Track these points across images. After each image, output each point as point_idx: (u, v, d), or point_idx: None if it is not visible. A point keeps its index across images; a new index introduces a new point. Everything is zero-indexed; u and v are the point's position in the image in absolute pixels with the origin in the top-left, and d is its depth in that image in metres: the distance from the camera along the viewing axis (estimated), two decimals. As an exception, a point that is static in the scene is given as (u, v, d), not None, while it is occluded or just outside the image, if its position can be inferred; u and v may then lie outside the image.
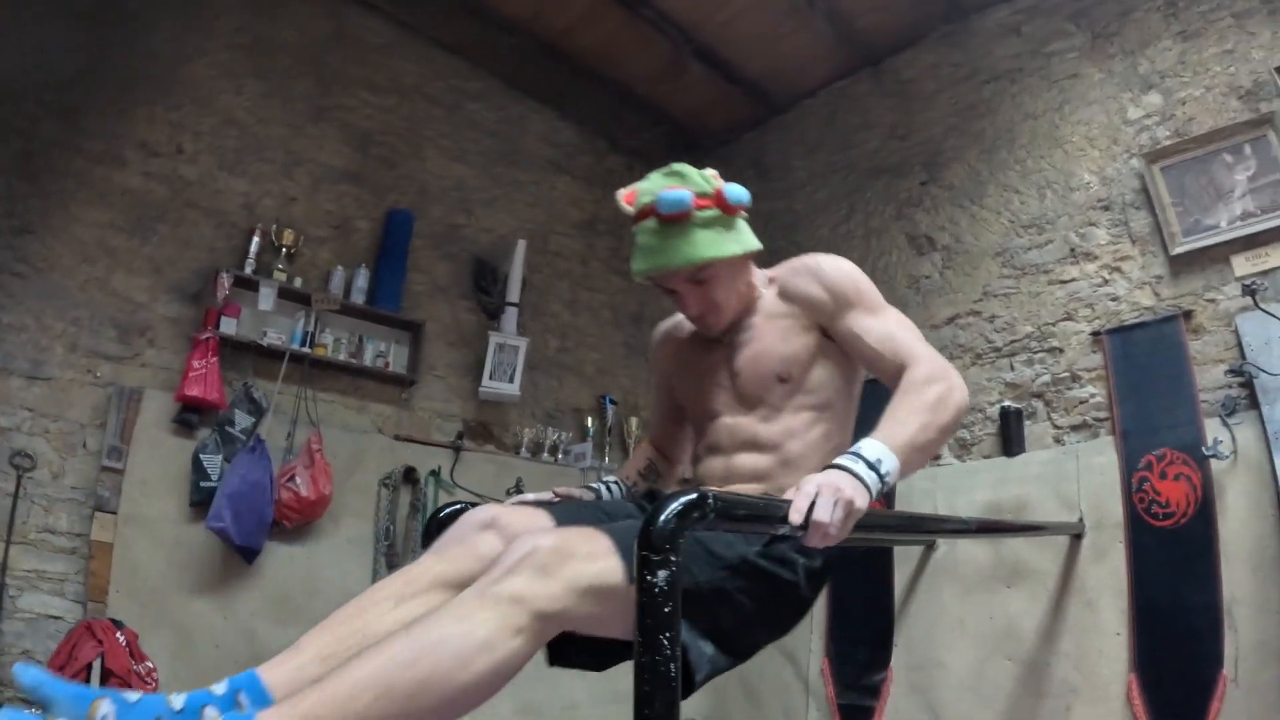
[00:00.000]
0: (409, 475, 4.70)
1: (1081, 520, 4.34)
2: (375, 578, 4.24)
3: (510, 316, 5.15)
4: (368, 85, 5.24)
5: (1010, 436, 4.71)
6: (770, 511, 1.63)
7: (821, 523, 1.61)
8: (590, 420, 5.55)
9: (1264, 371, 3.91)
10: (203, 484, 4.03)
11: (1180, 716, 3.80)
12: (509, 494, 4.88)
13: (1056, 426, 4.64)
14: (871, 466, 1.77)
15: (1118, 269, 4.58)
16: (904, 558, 4.87)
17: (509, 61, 5.53)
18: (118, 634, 3.61)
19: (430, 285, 5.19)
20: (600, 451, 5.53)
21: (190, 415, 4.12)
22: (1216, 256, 4.26)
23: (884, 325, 2.26)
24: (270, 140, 4.83)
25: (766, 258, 2.38)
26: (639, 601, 1.36)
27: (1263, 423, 3.90)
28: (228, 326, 4.23)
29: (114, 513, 3.87)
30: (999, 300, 4.96)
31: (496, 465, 5.09)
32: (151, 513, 3.98)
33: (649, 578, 1.34)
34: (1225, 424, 4.02)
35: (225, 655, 4.00)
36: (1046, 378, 4.71)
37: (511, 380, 5.06)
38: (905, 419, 1.95)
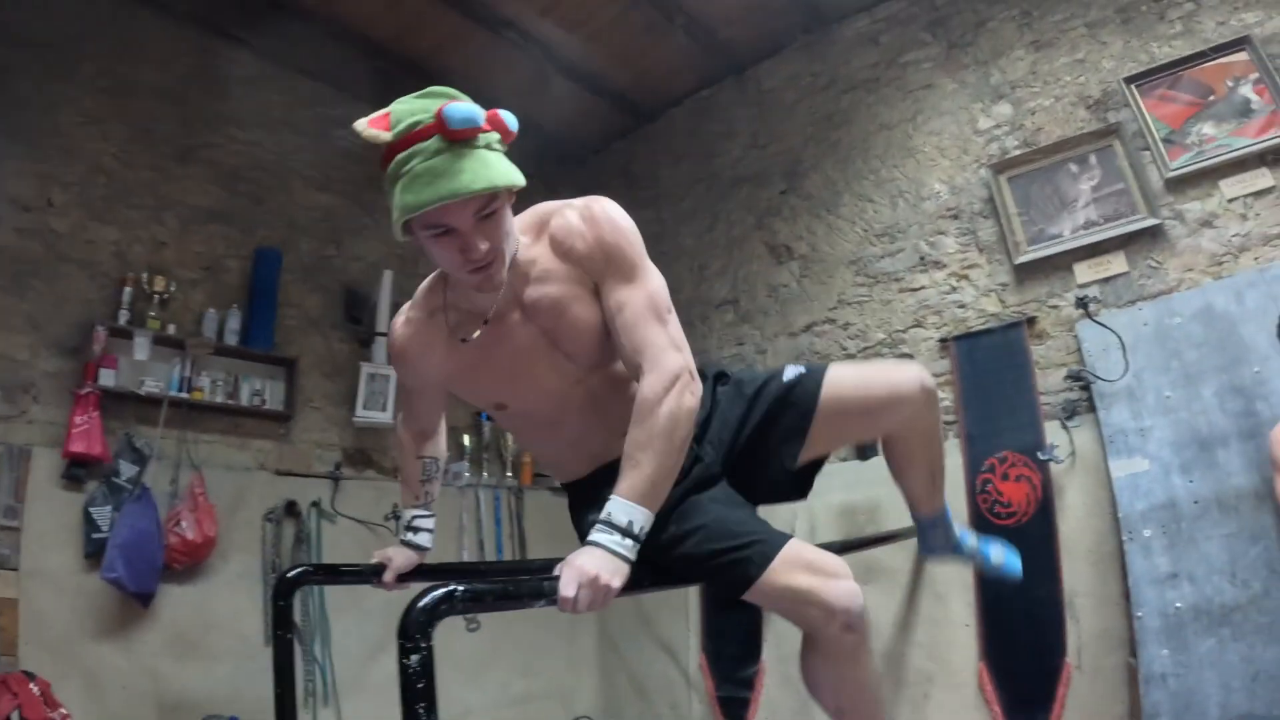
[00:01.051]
0: (291, 509, 4.39)
1: (931, 520, 4.11)
2: (265, 610, 4.07)
3: (380, 346, 4.76)
4: (233, 121, 4.75)
5: (865, 441, 4.45)
6: (520, 590, 1.60)
7: (576, 608, 1.58)
8: (467, 438, 5.17)
9: (1099, 378, 3.72)
10: (94, 535, 3.80)
11: (1028, 702, 3.70)
12: (386, 519, 4.60)
13: (905, 430, 4.38)
14: (625, 532, 1.67)
15: (965, 277, 4.28)
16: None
17: (375, 84, 4.99)
18: (31, 685, 3.44)
19: (302, 318, 4.76)
20: (478, 467, 5.17)
21: (78, 470, 3.87)
22: (1060, 264, 4.01)
23: (633, 307, 1.85)
24: (138, 185, 4.37)
25: None
26: (400, 680, 1.36)
27: (1099, 426, 3.70)
28: (106, 378, 3.95)
29: (15, 569, 3.67)
30: (853, 308, 4.63)
31: (376, 490, 4.74)
32: (51, 566, 3.73)
33: (404, 661, 1.34)
34: (1065, 427, 3.83)
35: (132, 694, 3.77)
36: (898, 385, 4.44)
37: (384, 409, 4.72)
38: (643, 460, 1.72)
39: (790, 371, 2.18)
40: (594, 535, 1.67)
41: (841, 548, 3.14)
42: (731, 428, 2.15)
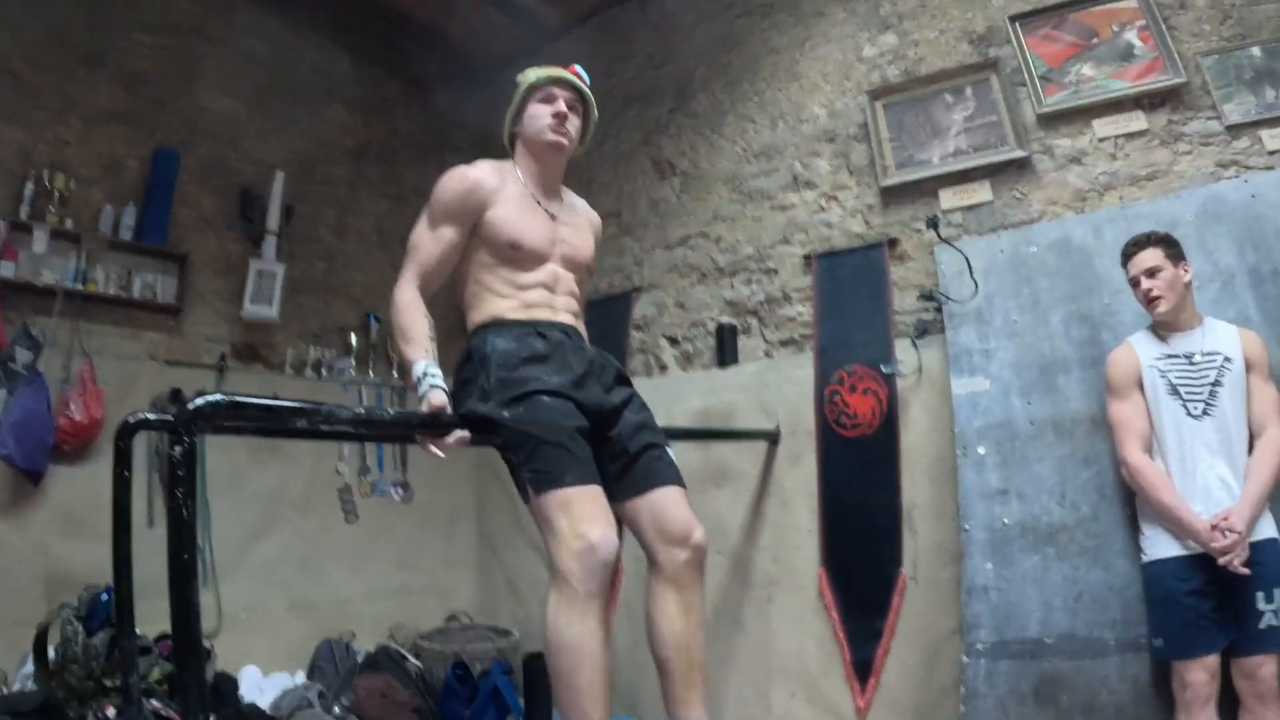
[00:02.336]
0: (176, 396, 3.69)
1: (778, 428, 3.50)
2: (150, 492, 3.46)
3: (270, 244, 4.03)
4: (142, 26, 3.92)
5: (724, 349, 3.75)
6: (289, 413, 1.55)
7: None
8: (355, 337, 4.38)
9: (951, 300, 3.11)
10: (-11, 416, 3.23)
11: (865, 609, 3.20)
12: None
13: (767, 341, 3.69)
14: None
15: (834, 198, 3.60)
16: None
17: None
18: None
19: (197, 217, 3.99)
20: (363, 366, 4.37)
21: (-25, 355, 3.26)
22: (926, 190, 3.38)
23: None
24: (46, 87, 3.60)
25: None
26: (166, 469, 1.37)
27: (946, 346, 3.12)
28: (5, 270, 3.37)
29: (-92, 448, 3.11)
30: (726, 223, 3.91)
31: (260, 384, 3.99)
32: (-56, 445, 3.13)
33: (169, 452, 1.30)
34: (914, 345, 3.25)
35: (26, 570, 3.25)
36: (761, 296, 3.74)
37: (271, 304, 3.97)
38: None
39: (670, 452, 2.09)
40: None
41: (685, 433, 2.48)
42: (621, 421, 2.04)
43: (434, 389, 1.85)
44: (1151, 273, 2.42)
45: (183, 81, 3.96)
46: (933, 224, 3.16)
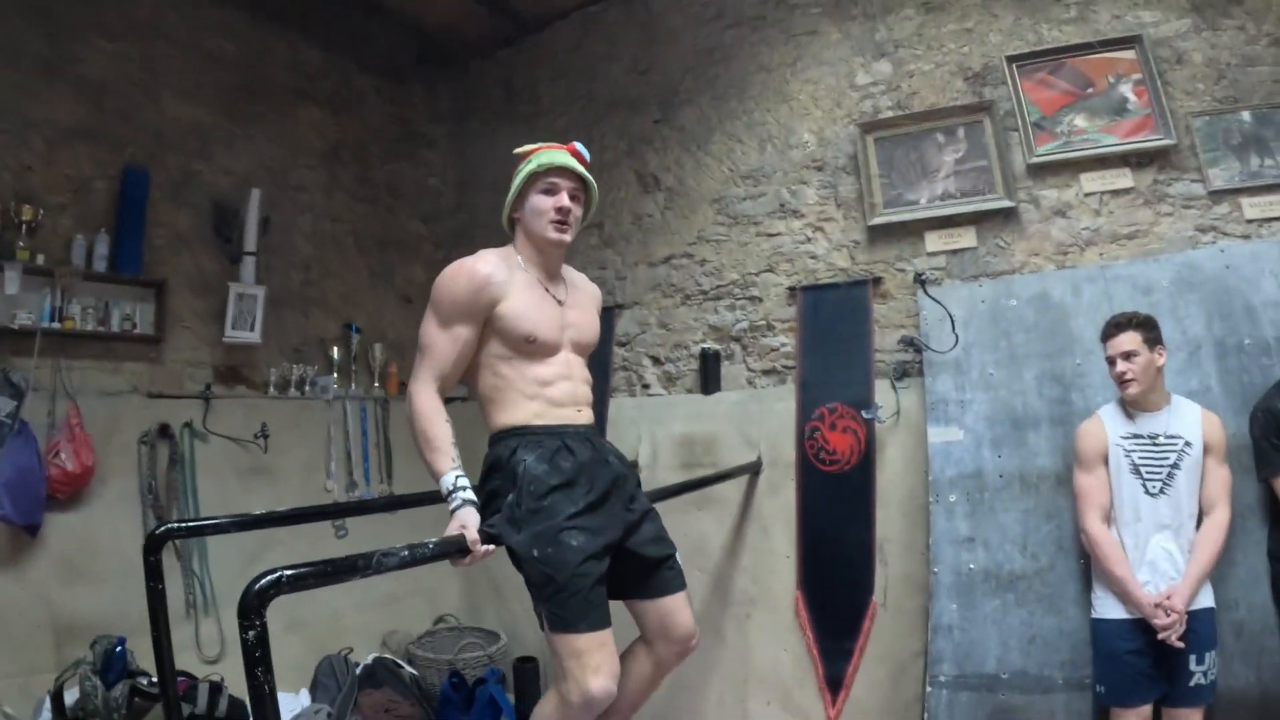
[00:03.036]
0: (164, 431, 3.68)
1: (760, 459, 3.73)
2: (145, 530, 3.48)
3: (249, 265, 3.96)
4: (99, 29, 3.68)
5: (708, 375, 3.91)
6: (343, 569, 1.61)
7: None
8: (336, 350, 4.35)
9: (930, 348, 3.32)
10: (-21, 474, 3.18)
11: (837, 631, 3.53)
12: (256, 436, 3.93)
13: (750, 370, 3.86)
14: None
15: (821, 229, 3.73)
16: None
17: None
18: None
19: (171, 237, 3.86)
20: (346, 379, 4.36)
21: (-43, 412, 3.17)
22: (912, 230, 3.53)
23: None
24: (2, 106, 3.38)
25: (509, 179, 2.14)
26: (242, 649, 1.40)
27: (925, 392, 3.33)
28: None
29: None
30: (711, 246, 4.01)
31: (246, 408, 4.00)
32: (-60, 505, 3.11)
33: (244, 637, 1.39)
34: (894, 387, 3.48)
35: (29, 620, 3.26)
36: (745, 324, 3.88)
37: (252, 329, 3.93)
38: None
39: (678, 557, 2.31)
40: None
41: (681, 488, 2.66)
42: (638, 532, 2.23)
43: (467, 506, 1.94)
44: (1128, 356, 2.61)
45: (146, 90, 3.79)
46: (920, 280, 3.33)
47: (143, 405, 3.64)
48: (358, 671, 3.69)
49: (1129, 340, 2.63)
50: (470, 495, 1.96)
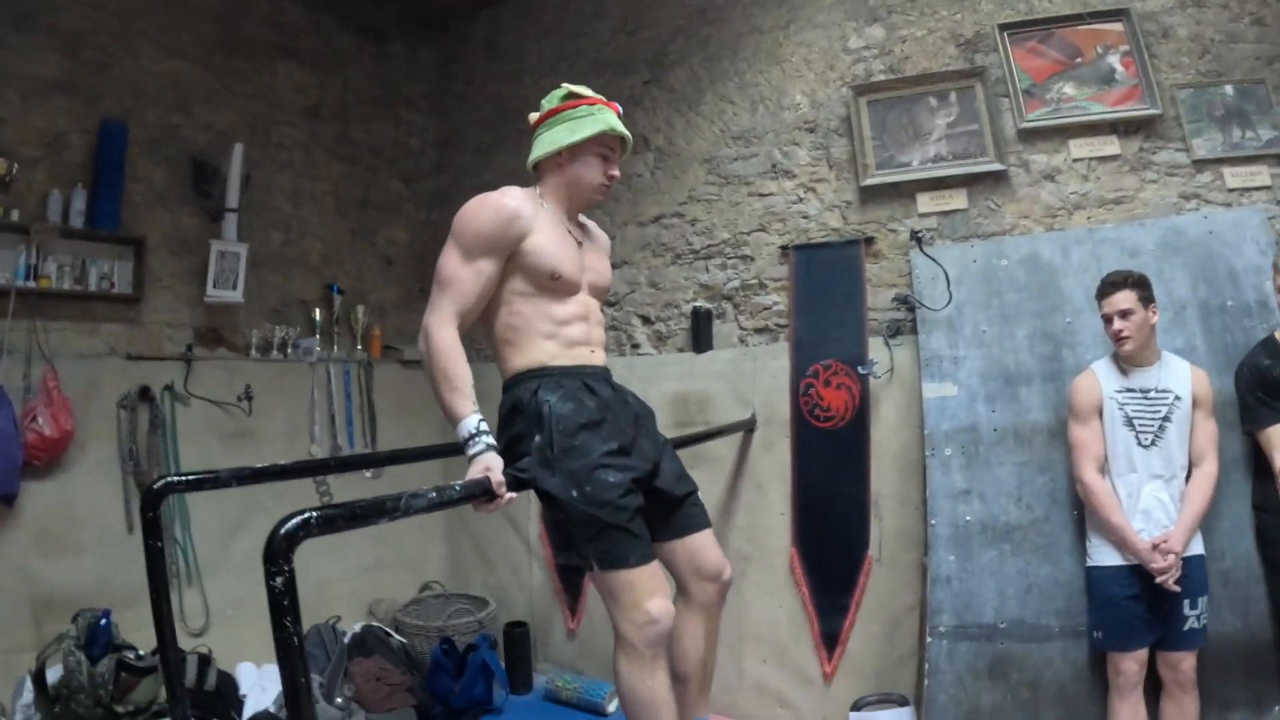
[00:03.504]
0: (145, 394, 3.50)
1: (754, 416, 3.71)
2: (126, 498, 3.35)
3: (230, 222, 3.77)
4: None
5: (700, 334, 3.87)
6: (371, 510, 1.54)
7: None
8: (318, 311, 4.18)
9: (924, 305, 3.33)
10: (-47, 441, 2.94)
11: (832, 585, 3.53)
12: (239, 399, 3.80)
13: (742, 328, 3.83)
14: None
15: (813, 190, 3.70)
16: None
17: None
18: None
19: (150, 193, 3.66)
20: (328, 341, 4.20)
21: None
22: (904, 192, 3.52)
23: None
24: None
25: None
26: (268, 597, 1.31)
27: (918, 349, 3.35)
28: None
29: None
30: (702, 205, 3.96)
31: (227, 370, 3.83)
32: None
33: (270, 583, 1.30)
34: (887, 345, 3.48)
35: (8, 594, 3.09)
36: (737, 283, 3.85)
37: (235, 287, 3.75)
38: None
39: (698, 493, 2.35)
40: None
41: (674, 445, 2.62)
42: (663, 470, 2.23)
43: (489, 452, 1.86)
44: (1124, 314, 2.66)
45: (125, 42, 3.58)
46: (916, 238, 3.35)
47: (121, 367, 3.46)
48: (346, 640, 3.58)
49: (1125, 298, 2.68)
50: (492, 440, 1.88)
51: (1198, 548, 2.64)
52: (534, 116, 2.25)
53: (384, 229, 4.60)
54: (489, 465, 1.83)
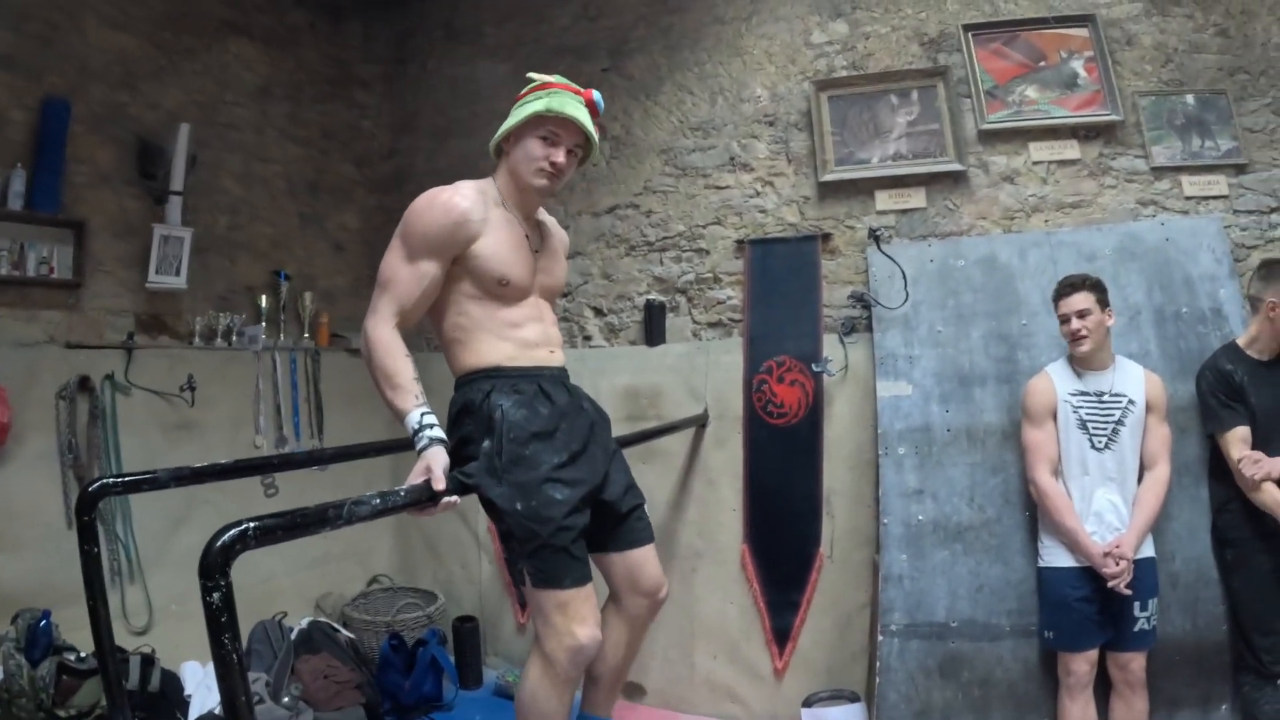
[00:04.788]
0: (84, 384, 3.19)
1: (706, 411, 3.55)
2: (65, 494, 3.05)
3: (175, 206, 3.46)
4: None
5: (653, 327, 3.69)
6: (313, 519, 1.38)
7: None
8: (264, 298, 3.87)
9: (880, 304, 3.23)
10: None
11: (784, 582, 3.37)
12: (182, 389, 3.49)
13: (696, 322, 3.66)
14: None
15: (771, 184, 3.55)
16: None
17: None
18: None
19: (93, 174, 3.34)
20: (274, 329, 3.90)
21: None
22: (862, 189, 3.41)
23: None
24: None
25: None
26: (205, 614, 1.16)
27: (873, 347, 3.22)
28: None
29: None
30: (658, 196, 3.76)
31: (170, 359, 3.51)
32: None
33: (207, 599, 1.16)
34: (842, 342, 3.37)
35: None
36: (691, 276, 3.68)
37: (178, 273, 3.45)
38: None
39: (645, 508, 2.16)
40: None
41: (625, 441, 2.46)
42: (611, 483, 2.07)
43: (435, 446, 1.71)
44: (1081, 314, 2.60)
45: (70, 15, 3.24)
46: (874, 236, 3.22)
47: (60, 356, 3.15)
48: (292, 637, 3.35)
49: (1082, 299, 2.62)
50: (439, 434, 1.73)
51: (1148, 550, 2.59)
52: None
53: (335, 214, 4.31)
54: (431, 463, 1.67)
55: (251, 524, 1.22)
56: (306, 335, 3.98)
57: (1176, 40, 3.15)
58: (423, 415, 1.72)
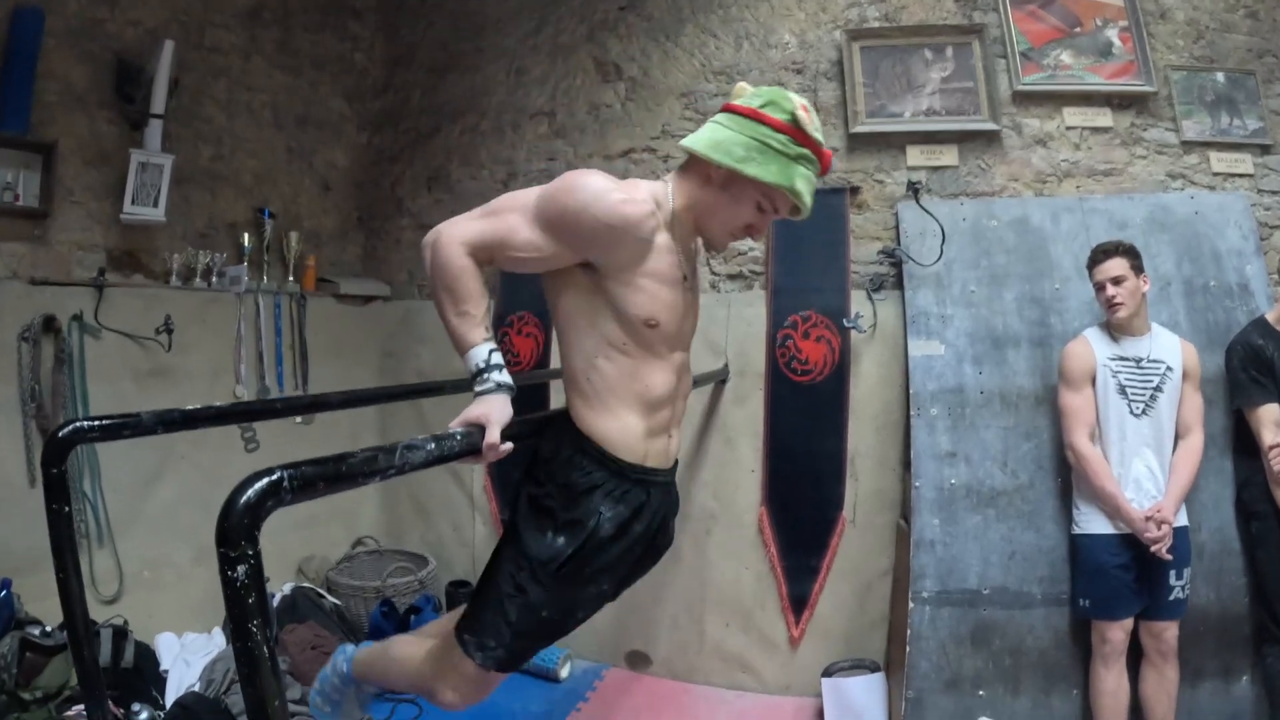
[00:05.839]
0: (50, 324, 2.78)
1: (726, 367, 3.34)
2: (27, 447, 2.65)
3: (155, 130, 3.05)
4: None
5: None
6: (361, 468, 1.05)
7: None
8: (247, 237, 3.46)
9: (913, 260, 3.05)
10: None
11: (803, 546, 3.20)
12: (158, 331, 3.05)
13: (715, 274, 3.43)
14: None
15: (797, 135, 3.34)
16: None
17: None
18: None
19: (65, 94, 2.91)
20: (258, 271, 3.50)
21: None
22: (894, 143, 3.23)
23: None
24: None
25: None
26: (224, 595, 0.84)
27: (904, 304, 3.07)
28: None
29: None
30: (674, 142, 3.44)
31: (144, 299, 3.09)
32: None
33: (230, 574, 0.83)
34: (870, 298, 3.17)
35: None
36: (713, 224, 3.42)
37: (156, 204, 3.04)
38: None
39: None
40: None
41: None
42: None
43: (501, 394, 1.37)
44: (1117, 280, 2.51)
45: None
46: (913, 188, 3.05)
47: (24, 294, 2.73)
48: (276, 604, 3.02)
49: (1118, 265, 2.53)
50: (507, 379, 1.39)
51: (1183, 519, 2.51)
52: (738, 97, 1.58)
53: (323, 150, 3.90)
54: (489, 414, 1.33)
55: (286, 473, 0.90)
56: (291, 279, 3.58)
57: (1208, 18, 3.10)
58: (491, 353, 1.39)
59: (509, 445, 1.35)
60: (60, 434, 1.47)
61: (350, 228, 3.97)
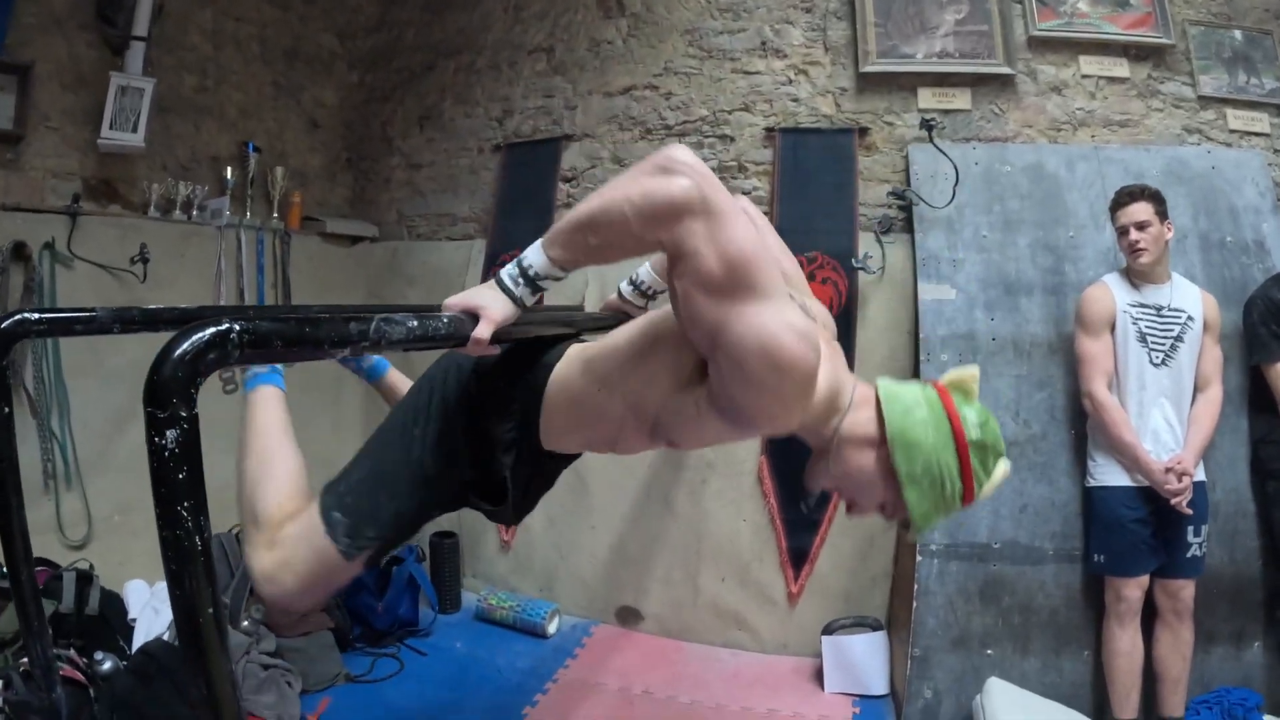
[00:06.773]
0: (19, 251, 2.59)
1: (729, 307, 3.08)
2: None
3: (137, 53, 2.85)
4: None
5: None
6: (328, 335, 0.83)
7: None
8: (230, 171, 3.24)
9: (924, 201, 2.91)
10: None
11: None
12: (133, 262, 2.84)
13: (717, 212, 3.22)
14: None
15: (805, 72, 3.16)
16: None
17: None
18: None
19: (43, 14, 2.72)
20: (241, 206, 3.28)
21: None
22: (905, 84, 3.06)
23: None
24: None
25: None
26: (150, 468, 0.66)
27: (914, 247, 2.92)
28: None
29: None
30: (679, 79, 3.29)
31: (121, 229, 2.89)
32: None
33: (157, 440, 0.65)
34: (879, 240, 3.00)
35: None
36: (714, 163, 3.22)
37: (136, 130, 2.83)
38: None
39: None
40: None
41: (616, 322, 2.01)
42: None
43: (510, 297, 1.08)
44: (1141, 225, 2.38)
45: None
46: (928, 126, 2.86)
47: (-7, 218, 2.52)
48: (254, 547, 2.81)
49: (1142, 210, 2.39)
50: (524, 294, 1.08)
51: (1200, 474, 2.37)
52: (966, 393, 1.17)
53: (312, 87, 3.68)
54: (489, 306, 1.06)
55: (237, 324, 0.72)
56: (275, 216, 3.36)
57: (1226, -27, 2.99)
58: (539, 269, 1.07)
59: (496, 348, 1.11)
60: (3, 324, 1.24)
61: (339, 169, 3.75)
